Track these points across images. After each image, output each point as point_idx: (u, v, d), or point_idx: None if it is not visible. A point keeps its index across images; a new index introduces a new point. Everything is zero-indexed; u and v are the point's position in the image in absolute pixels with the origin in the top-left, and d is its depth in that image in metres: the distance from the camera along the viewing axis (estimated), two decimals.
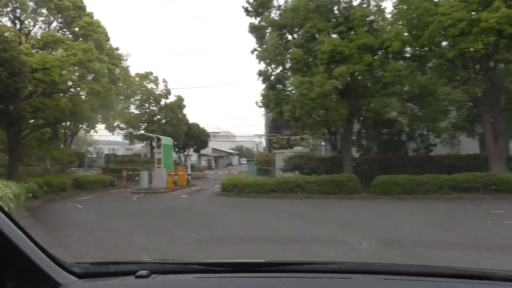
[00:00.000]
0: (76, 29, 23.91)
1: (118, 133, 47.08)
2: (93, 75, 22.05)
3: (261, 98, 22.37)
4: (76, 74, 21.89)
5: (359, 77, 19.35)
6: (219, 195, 22.83)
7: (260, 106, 23.08)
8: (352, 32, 18.86)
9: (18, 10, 23.52)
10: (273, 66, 21.63)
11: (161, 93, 46.38)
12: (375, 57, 18.53)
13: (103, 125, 39.08)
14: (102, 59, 22.99)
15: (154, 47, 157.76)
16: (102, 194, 27.01)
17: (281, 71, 21.75)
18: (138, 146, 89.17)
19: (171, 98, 47.97)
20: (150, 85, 45.59)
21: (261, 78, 21.85)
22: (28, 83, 19.41)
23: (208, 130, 59.63)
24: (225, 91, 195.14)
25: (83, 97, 24.71)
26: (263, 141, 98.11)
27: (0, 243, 1.25)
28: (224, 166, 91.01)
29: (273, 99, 21.14)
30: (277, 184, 20.80)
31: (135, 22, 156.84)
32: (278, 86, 21.80)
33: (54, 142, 33.26)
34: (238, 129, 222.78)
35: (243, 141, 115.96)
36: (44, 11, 24.54)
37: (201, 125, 55.14)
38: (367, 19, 19.30)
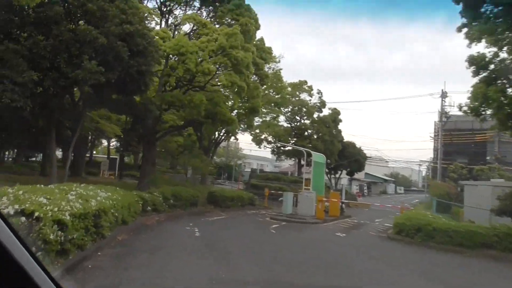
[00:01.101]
0: (222, 12, 19.84)
1: (265, 147, 43.22)
2: (234, 65, 17.35)
3: (470, 98, 14.56)
4: (214, 64, 17.51)
5: None
6: (391, 239, 15.63)
7: (466, 112, 15.18)
8: None
9: None
10: (495, 49, 13.75)
11: (315, 105, 40.93)
12: None
13: (249, 136, 35.30)
14: (248, 48, 18.31)
15: (305, 53, 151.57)
16: (237, 214, 22.29)
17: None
18: (287, 164, 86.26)
19: (325, 111, 42.27)
20: (303, 96, 40.65)
21: (471, 69, 14.14)
22: (158, 71, 15.52)
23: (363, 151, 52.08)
24: (384, 108, 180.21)
25: (222, 95, 20.43)
26: (423, 169, 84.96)
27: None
28: (378, 194, 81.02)
29: (496, 98, 13.22)
30: (496, 235, 12.68)
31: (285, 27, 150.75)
32: (502, 80, 13.76)
33: (195, 149, 30.54)
34: (391, 152, 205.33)
35: (395, 166, 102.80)
36: None
37: (357, 145, 47.96)
38: None
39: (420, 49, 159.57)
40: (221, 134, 31.66)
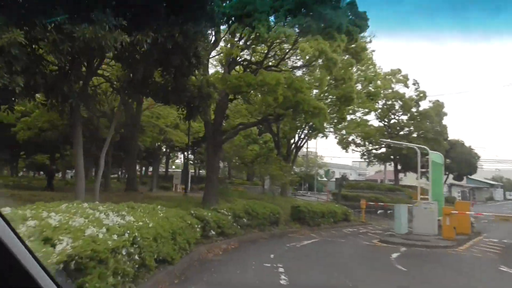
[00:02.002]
0: None
1: (354, 150, 37.17)
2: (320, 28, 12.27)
3: None
4: (293, 27, 12.52)
5: None
6: None
7: None
8: None
9: None
10: None
11: (413, 97, 34.11)
12: None
13: (329, 141, 29.74)
14: (334, 5, 13.07)
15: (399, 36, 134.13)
16: (332, 235, 16.85)
17: None
18: (372, 171, 78.10)
19: (424, 104, 35.23)
20: (397, 87, 34.08)
21: None
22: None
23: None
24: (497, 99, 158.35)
25: (303, 79, 15.31)
26: None
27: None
28: (484, 201, 69.64)
29: None
30: None
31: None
32: None
33: (273, 154, 25.71)
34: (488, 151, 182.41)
35: (502, 168, 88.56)
36: None
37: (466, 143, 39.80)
38: None
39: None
40: (303, 135, 26.46)
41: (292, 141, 27.88)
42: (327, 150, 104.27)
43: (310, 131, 20.02)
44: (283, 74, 14.77)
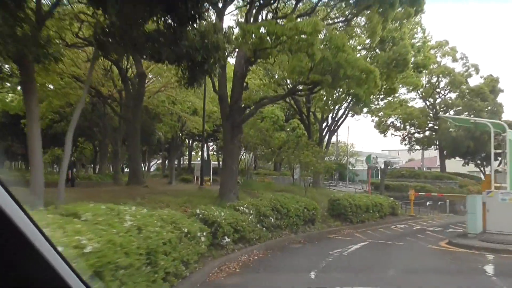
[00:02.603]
0: None
1: (393, 134, 33.13)
2: None
3: None
4: None
5: None
6: None
7: None
8: None
9: None
10: None
11: (462, 72, 29.72)
12: None
13: (360, 124, 25.93)
14: None
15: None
16: (384, 236, 13.28)
17: None
18: (405, 158, 73.17)
19: (474, 81, 30.77)
20: (444, 61, 29.76)
21: None
22: None
23: None
24: None
25: (344, 35, 11.73)
26: None
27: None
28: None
29: None
30: None
31: None
32: None
33: (303, 139, 22.20)
34: None
35: None
36: None
37: None
38: None
39: None
40: (339, 114, 22.75)
41: (324, 124, 24.26)
42: (354, 137, 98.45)
43: (351, 105, 16.15)
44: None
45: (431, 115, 31.59)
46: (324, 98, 16.41)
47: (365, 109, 19.99)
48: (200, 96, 28.64)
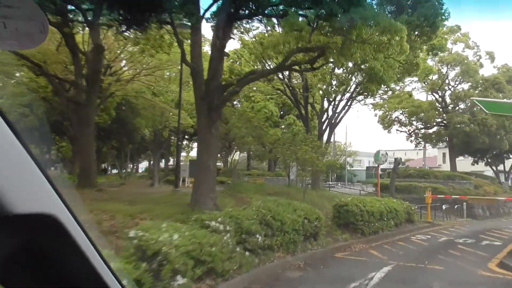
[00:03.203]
0: None
1: (398, 130, 30.06)
2: None
3: None
4: None
5: None
6: None
7: None
8: None
9: None
10: None
11: (475, 61, 26.73)
12: None
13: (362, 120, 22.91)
14: None
15: None
16: (409, 254, 10.11)
17: None
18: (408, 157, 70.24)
19: (487, 71, 27.76)
20: (456, 48, 26.75)
21: None
22: None
23: None
24: None
25: None
26: None
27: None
28: (510, 189, 60.55)
29: None
30: None
31: None
32: None
33: (301, 134, 19.12)
34: None
35: None
36: None
37: None
38: None
39: None
40: (344, 100, 19.64)
41: (324, 117, 21.14)
42: (352, 136, 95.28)
43: (365, 80, 12.77)
44: None
45: (439, 109, 28.56)
46: (328, 77, 13.15)
47: (381, 89, 16.75)
48: (186, 89, 25.52)
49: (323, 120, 21.11)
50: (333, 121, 21.20)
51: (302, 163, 16.39)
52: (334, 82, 12.30)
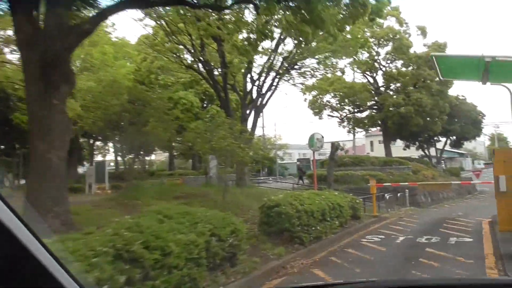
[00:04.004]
0: None
1: (330, 115, 27.67)
2: None
3: None
4: None
5: None
6: None
7: None
8: None
9: None
10: None
11: (406, 36, 24.93)
12: None
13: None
14: None
15: None
16: (366, 269, 6.95)
17: None
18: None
19: (418, 49, 26.32)
20: (387, 24, 24.73)
21: None
22: None
23: None
24: None
25: None
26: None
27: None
28: (445, 172, 62.61)
29: None
30: None
31: None
32: None
33: (220, 116, 15.64)
34: None
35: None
36: None
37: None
38: None
39: None
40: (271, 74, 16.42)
41: (249, 98, 17.78)
42: (282, 129, 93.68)
43: (296, 26, 9.40)
44: None
45: (372, 91, 26.59)
46: (246, 27, 9.70)
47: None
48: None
49: (246, 101, 17.74)
50: (258, 103, 17.91)
51: (221, 154, 12.85)
52: (252, 36, 9.16)
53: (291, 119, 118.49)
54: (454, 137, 31.01)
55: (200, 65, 16.94)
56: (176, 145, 32.97)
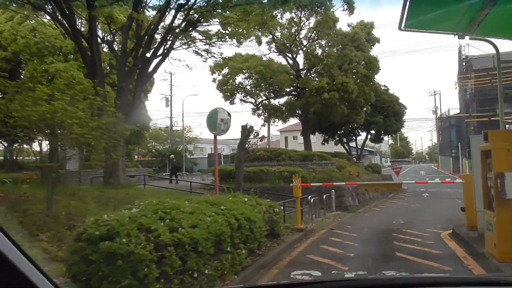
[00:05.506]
0: None
1: (242, 100, 23.32)
2: None
3: None
4: None
5: None
6: None
7: None
8: None
9: None
10: None
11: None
12: None
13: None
14: None
15: None
16: None
17: None
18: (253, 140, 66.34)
19: (344, 25, 23.14)
20: None
21: None
22: None
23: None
24: None
25: None
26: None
27: None
28: (366, 168, 62.84)
29: None
30: None
31: None
32: None
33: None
34: None
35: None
36: None
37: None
38: None
39: None
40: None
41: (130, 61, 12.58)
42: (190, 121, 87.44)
43: None
44: None
45: (292, 76, 22.76)
46: None
47: None
48: None
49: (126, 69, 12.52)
50: (144, 69, 12.80)
51: (57, 127, 7.68)
52: None
53: (204, 109, 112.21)
54: (376, 131, 28.70)
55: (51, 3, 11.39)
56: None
